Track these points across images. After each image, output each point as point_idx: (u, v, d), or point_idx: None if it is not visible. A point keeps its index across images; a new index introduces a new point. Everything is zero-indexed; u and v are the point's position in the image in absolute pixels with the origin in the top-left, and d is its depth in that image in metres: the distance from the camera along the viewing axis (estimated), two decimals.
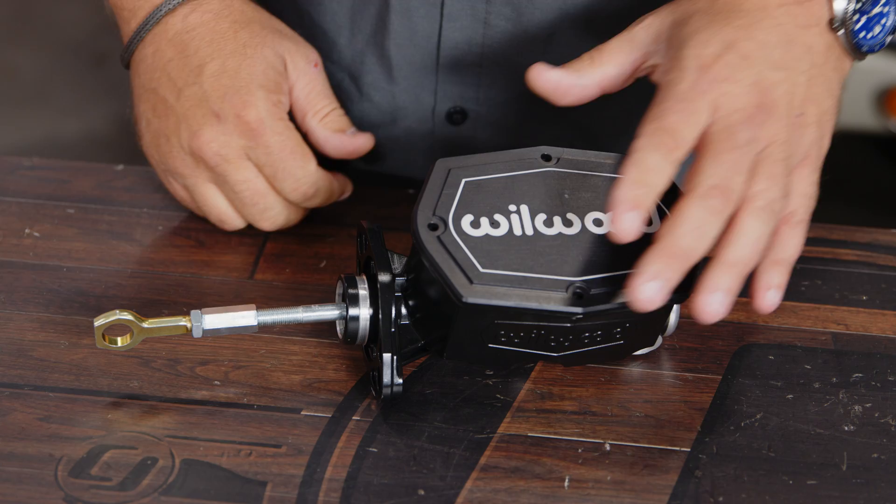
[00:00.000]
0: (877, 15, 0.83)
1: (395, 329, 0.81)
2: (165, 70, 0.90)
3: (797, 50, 0.80)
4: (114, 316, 0.80)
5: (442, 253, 0.78)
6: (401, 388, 0.80)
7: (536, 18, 0.97)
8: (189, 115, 0.89)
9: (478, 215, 0.80)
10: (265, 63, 0.90)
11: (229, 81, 0.89)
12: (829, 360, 0.87)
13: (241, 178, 0.90)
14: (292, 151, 0.90)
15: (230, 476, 0.77)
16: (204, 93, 0.89)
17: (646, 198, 0.75)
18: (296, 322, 0.82)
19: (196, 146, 0.89)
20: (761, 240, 0.77)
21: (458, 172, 0.81)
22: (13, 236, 0.94)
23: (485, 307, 0.77)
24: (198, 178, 0.91)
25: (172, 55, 0.90)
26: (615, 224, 0.75)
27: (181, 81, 0.90)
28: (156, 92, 0.91)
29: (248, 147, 0.89)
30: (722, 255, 0.76)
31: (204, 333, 0.81)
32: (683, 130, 0.77)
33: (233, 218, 0.93)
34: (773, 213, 0.77)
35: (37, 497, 0.76)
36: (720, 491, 0.78)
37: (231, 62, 0.90)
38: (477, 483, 0.78)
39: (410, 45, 0.99)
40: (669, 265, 0.74)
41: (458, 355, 0.82)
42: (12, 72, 2.75)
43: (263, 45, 0.91)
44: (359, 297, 0.82)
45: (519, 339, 0.79)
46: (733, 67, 0.78)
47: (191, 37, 0.90)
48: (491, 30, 0.98)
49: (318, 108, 0.93)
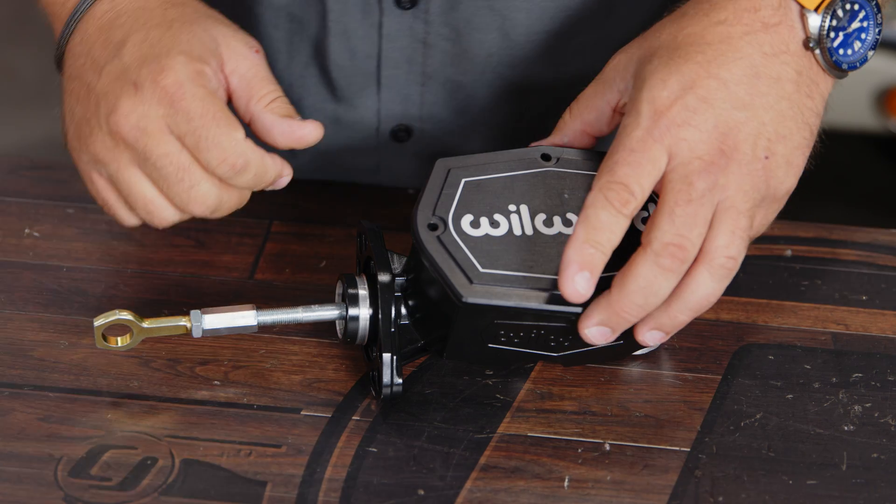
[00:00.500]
0: (856, 31, 0.80)
1: (395, 329, 0.81)
2: (90, 54, 0.83)
3: (763, 84, 0.77)
4: (114, 316, 0.80)
5: (442, 253, 0.78)
6: (401, 388, 0.80)
7: (476, 39, 0.97)
8: (108, 91, 0.81)
9: (477, 215, 0.80)
10: (191, 35, 0.82)
11: (150, 50, 0.81)
12: (828, 360, 0.87)
13: (162, 151, 0.80)
14: (215, 117, 0.79)
15: (230, 476, 0.77)
16: (123, 64, 0.81)
17: (595, 258, 0.74)
18: (295, 322, 0.82)
19: (114, 121, 0.80)
20: (711, 298, 0.76)
21: (457, 172, 0.81)
22: (13, 236, 0.94)
23: (485, 307, 0.77)
24: (120, 161, 0.81)
25: (97, 37, 0.83)
26: (563, 286, 0.75)
27: (103, 60, 0.82)
28: (79, 78, 0.83)
29: (168, 115, 0.79)
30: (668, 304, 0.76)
31: (204, 333, 0.81)
32: (634, 184, 0.74)
33: (161, 206, 0.82)
34: (729, 270, 0.76)
35: (36, 497, 0.76)
36: (720, 491, 0.78)
37: (154, 33, 0.82)
38: (477, 483, 0.78)
39: (351, 65, 0.98)
40: (614, 319, 0.76)
41: (458, 355, 0.82)
42: (12, 72, 2.75)
43: (194, 23, 0.83)
44: (358, 297, 0.81)
45: (519, 338, 0.79)
46: (691, 111, 0.75)
47: (117, 15, 0.84)
48: (431, 49, 0.97)
49: (262, 94, 0.83)
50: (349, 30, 0.97)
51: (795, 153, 0.78)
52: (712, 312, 0.89)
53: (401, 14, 0.95)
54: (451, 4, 0.95)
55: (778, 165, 0.77)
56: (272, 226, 0.96)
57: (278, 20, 0.98)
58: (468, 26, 0.96)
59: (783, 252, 0.95)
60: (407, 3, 0.95)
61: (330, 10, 0.96)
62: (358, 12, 0.96)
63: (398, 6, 0.95)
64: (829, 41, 0.78)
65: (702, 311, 0.77)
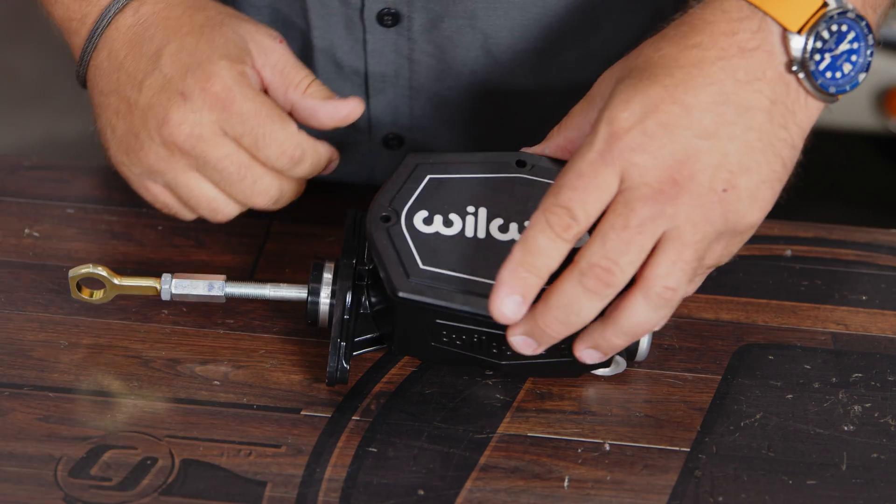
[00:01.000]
0: (844, 53, 0.75)
1: (352, 317, 0.81)
2: (122, 68, 0.85)
3: (731, 112, 0.73)
4: (87, 268, 0.83)
5: (386, 245, 0.78)
6: (347, 374, 0.81)
7: (459, 55, 0.96)
8: (154, 104, 0.83)
9: (432, 212, 0.80)
10: (224, 37, 0.84)
11: (189, 58, 0.83)
12: (828, 359, 0.87)
13: (221, 154, 0.82)
14: (268, 115, 0.83)
15: (230, 476, 0.77)
16: (165, 76, 0.83)
17: (528, 282, 0.73)
18: (262, 298, 0.84)
19: (167, 133, 0.82)
20: (646, 325, 0.75)
21: (424, 168, 0.81)
22: (13, 236, 0.94)
23: (419, 304, 0.77)
24: (177, 169, 0.84)
25: (128, 51, 0.85)
26: (492, 307, 0.73)
27: (140, 74, 0.84)
28: (116, 93, 0.85)
29: (222, 120, 0.82)
30: (603, 325, 0.75)
31: (172, 297, 0.83)
32: (579, 209, 0.72)
33: (224, 203, 0.85)
34: (667, 301, 0.73)
35: (36, 497, 0.76)
36: (720, 491, 0.78)
37: (188, 40, 0.84)
38: (476, 483, 0.78)
39: (338, 78, 0.98)
40: (537, 332, 0.75)
41: (406, 350, 0.83)
42: (12, 72, 2.75)
43: (222, 24, 0.85)
44: (321, 280, 0.83)
45: (461, 341, 0.79)
46: (649, 136, 0.72)
47: (144, 27, 0.85)
48: (416, 65, 0.97)
49: (297, 81, 0.86)
50: (334, 45, 0.97)
51: (762, 187, 0.74)
52: (712, 312, 0.89)
53: (384, 31, 0.95)
54: (432, 23, 0.95)
55: (739, 199, 0.73)
56: (272, 226, 0.96)
57: None
58: (450, 43, 0.96)
59: (783, 252, 0.95)
60: (389, 21, 0.94)
61: (314, 26, 0.96)
62: (342, 29, 0.96)
63: (381, 24, 0.95)
64: (814, 64, 0.74)
65: (639, 337, 0.76)
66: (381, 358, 0.85)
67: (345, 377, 0.81)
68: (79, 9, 0.87)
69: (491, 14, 0.94)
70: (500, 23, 0.95)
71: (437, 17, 0.94)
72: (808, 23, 0.74)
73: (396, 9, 0.94)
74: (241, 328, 0.87)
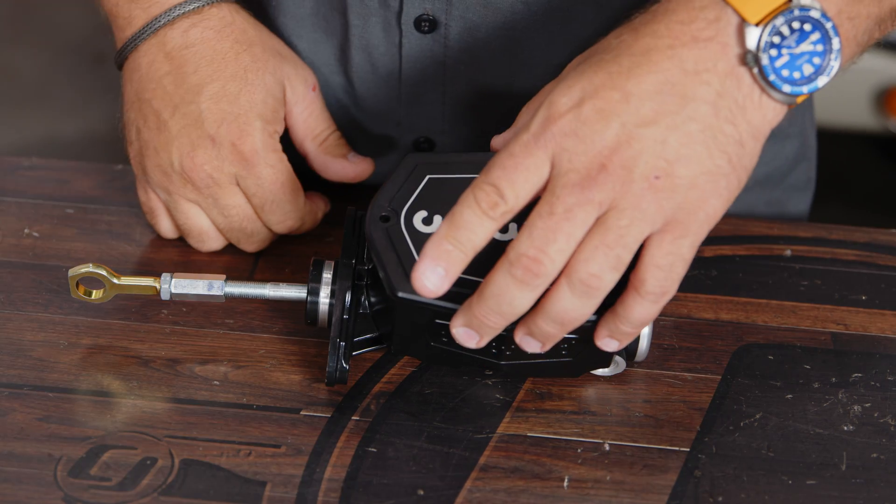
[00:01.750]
0: (806, 54, 0.73)
1: (351, 316, 0.81)
2: (161, 83, 0.89)
3: (672, 102, 0.71)
4: (86, 267, 0.83)
5: (386, 245, 0.78)
6: (346, 374, 0.81)
7: (494, 65, 0.96)
8: (183, 135, 0.88)
9: (432, 213, 0.80)
10: (265, 91, 0.90)
11: (228, 107, 0.88)
12: (828, 359, 0.87)
13: (231, 203, 0.89)
14: (283, 185, 0.89)
15: (229, 476, 0.77)
16: (201, 113, 0.88)
17: (451, 255, 0.72)
18: (262, 297, 0.84)
19: (188, 166, 0.88)
20: (572, 313, 0.73)
21: (424, 168, 0.81)
22: (12, 236, 0.94)
23: (419, 304, 0.77)
24: (181, 196, 0.90)
25: (169, 69, 0.89)
26: (414, 279, 0.73)
27: (178, 98, 0.89)
28: (150, 103, 0.89)
29: (240, 176, 0.89)
30: (534, 313, 0.74)
31: (172, 297, 0.83)
32: (507, 188, 0.72)
33: (214, 238, 0.92)
34: (591, 288, 0.72)
35: (36, 497, 0.76)
36: (719, 491, 0.78)
37: (231, 86, 0.89)
38: (476, 483, 0.78)
39: (373, 78, 0.98)
40: (475, 322, 0.75)
41: (404, 350, 0.83)
42: (12, 72, 2.75)
43: (265, 70, 0.90)
44: (321, 280, 0.82)
45: None
46: (582, 121, 0.71)
47: (191, 53, 0.89)
48: (450, 71, 0.97)
49: (316, 133, 0.93)
50: (371, 45, 0.96)
51: (702, 178, 0.72)
52: (712, 312, 0.89)
53: (420, 37, 0.95)
54: (469, 31, 0.94)
55: (674, 187, 0.71)
56: None
57: (302, 31, 0.98)
58: (486, 51, 0.95)
59: (783, 252, 0.95)
60: (426, 27, 0.94)
61: (353, 25, 0.96)
62: (379, 31, 0.96)
63: (418, 30, 0.95)
64: (769, 59, 0.72)
65: (572, 326, 0.74)
66: (381, 358, 0.85)
67: (344, 377, 0.81)
68: (127, 8, 0.90)
69: (529, 26, 0.94)
70: (537, 34, 0.94)
71: (474, 25, 0.94)
72: (768, 16, 0.72)
73: (434, 15, 0.94)
74: (240, 328, 0.87)
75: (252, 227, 0.91)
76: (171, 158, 0.89)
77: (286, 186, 0.90)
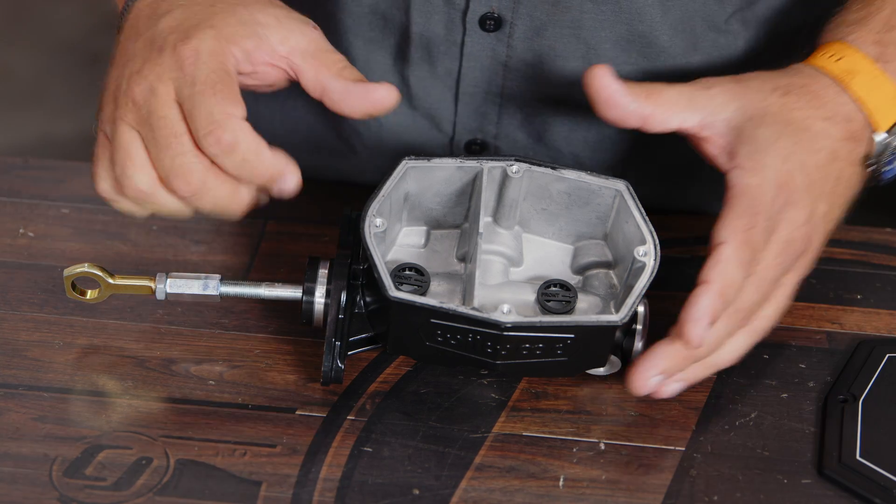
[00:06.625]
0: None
1: (346, 316, 0.81)
2: (135, 26, 0.83)
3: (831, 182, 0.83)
4: (82, 268, 0.83)
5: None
6: (342, 373, 0.81)
7: (557, 66, 0.95)
8: (137, 54, 0.81)
9: None
10: (230, 14, 0.81)
11: (183, 21, 0.81)
12: (823, 358, 0.87)
13: (162, 113, 0.78)
14: (214, 88, 0.78)
15: (225, 476, 0.77)
16: (157, 31, 0.81)
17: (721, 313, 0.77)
18: (257, 297, 0.84)
19: (134, 81, 0.80)
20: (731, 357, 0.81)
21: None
22: (7, 236, 0.94)
23: (412, 305, 0.77)
24: (123, 120, 0.80)
25: (145, 12, 0.84)
26: (688, 332, 0.76)
27: (143, 29, 0.82)
28: (121, 45, 0.84)
29: (177, 79, 0.79)
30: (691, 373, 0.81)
31: (167, 297, 0.83)
32: (762, 250, 0.78)
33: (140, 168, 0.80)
34: None
35: (32, 497, 0.76)
36: (715, 490, 0.78)
37: (196, 9, 0.82)
38: (472, 482, 0.78)
39: (430, 77, 0.98)
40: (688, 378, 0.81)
41: (400, 350, 0.83)
42: (7, 72, 2.75)
43: (238, 3, 0.82)
44: (316, 279, 0.83)
45: (455, 341, 0.79)
46: (801, 193, 0.80)
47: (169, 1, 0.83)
48: (511, 72, 0.96)
49: (329, 62, 0.82)
50: (431, 44, 0.96)
51: None
52: None
53: (484, 36, 0.94)
54: (535, 30, 0.94)
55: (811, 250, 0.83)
56: (267, 225, 0.96)
57: (359, 29, 0.97)
58: (551, 52, 0.94)
59: None
60: (491, 26, 0.94)
61: (414, 22, 0.95)
62: (441, 28, 0.95)
63: (482, 28, 0.94)
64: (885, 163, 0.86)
65: None
66: (376, 357, 0.85)
67: (339, 377, 0.81)
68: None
69: (597, 25, 0.93)
70: (604, 34, 0.94)
71: (541, 24, 0.93)
72: None
73: (500, 13, 0.93)
74: (236, 328, 0.87)
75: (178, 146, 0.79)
76: (120, 83, 0.81)
77: (219, 90, 0.78)
